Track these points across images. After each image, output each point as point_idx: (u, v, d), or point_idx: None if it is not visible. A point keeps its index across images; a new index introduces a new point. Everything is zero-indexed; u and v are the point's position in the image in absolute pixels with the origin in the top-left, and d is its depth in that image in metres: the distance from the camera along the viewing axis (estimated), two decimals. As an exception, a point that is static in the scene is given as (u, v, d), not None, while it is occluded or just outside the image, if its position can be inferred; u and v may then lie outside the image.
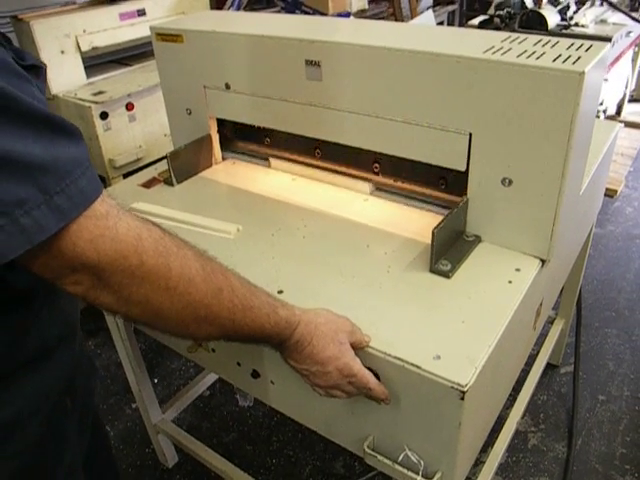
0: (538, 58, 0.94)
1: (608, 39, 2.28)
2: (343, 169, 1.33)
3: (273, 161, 1.45)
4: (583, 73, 0.87)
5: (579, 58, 0.93)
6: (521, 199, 1.02)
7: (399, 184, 1.27)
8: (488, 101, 0.97)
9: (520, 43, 1.04)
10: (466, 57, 0.97)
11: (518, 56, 0.96)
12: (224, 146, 1.51)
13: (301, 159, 1.39)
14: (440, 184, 1.20)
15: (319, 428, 1.06)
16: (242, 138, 1.49)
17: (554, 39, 1.05)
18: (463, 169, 1.07)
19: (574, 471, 1.73)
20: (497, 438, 1.55)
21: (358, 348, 0.86)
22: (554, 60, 0.93)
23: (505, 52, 0.98)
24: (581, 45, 1.00)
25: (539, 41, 1.04)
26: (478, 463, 1.63)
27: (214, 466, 1.60)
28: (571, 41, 1.03)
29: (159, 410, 1.72)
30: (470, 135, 1.02)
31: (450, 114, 1.03)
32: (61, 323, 0.81)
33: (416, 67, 1.03)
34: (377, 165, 1.27)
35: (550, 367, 2.09)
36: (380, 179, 1.29)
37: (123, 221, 0.61)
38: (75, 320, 0.88)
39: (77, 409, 0.88)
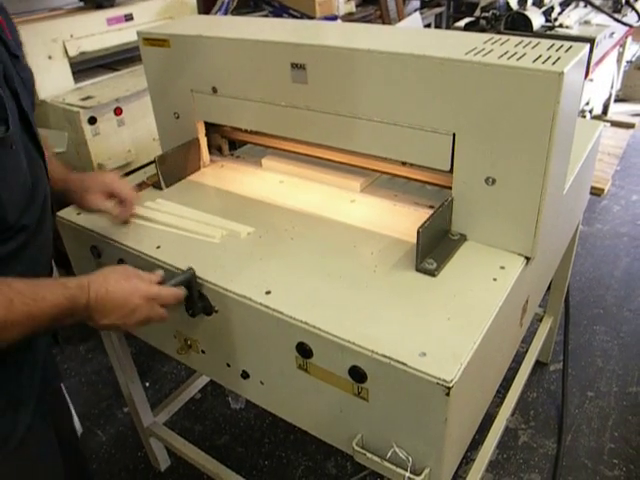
0: (519, 59, 0.96)
1: (592, 40, 2.31)
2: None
3: (264, 161, 1.46)
4: (562, 73, 0.89)
5: (559, 59, 0.95)
6: (505, 198, 1.04)
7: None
8: (471, 102, 0.99)
9: (502, 44, 1.05)
10: (448, 59, 0.99)
11: (499, 57, 0.97)
12: (212, 149, 1.52)
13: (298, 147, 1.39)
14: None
15: (309, 427, 1.07)
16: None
17: (535, 40, 1.07)
18: (447, 169, 1.08)
19: (564, 467, 1.75)
20: (487, 435, 1.57)
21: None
22: (534, 61, 0.94)
23: (487, 53, 1.00)
24: (561, 46, 1.02)
25: (520, 42, 1.06)
26: (469, 460, 1.64)
27: (206, 469, 1.61)
28: (551, 42, 1.04)
29: (151, 414, 1.72)
30: (454, 135, 1.04)
31: (434, 115, 1.05)
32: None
33: (400, 69, 1.04)
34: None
35: (539, 365, 2.12)
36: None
37: None
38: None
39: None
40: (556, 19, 2.48)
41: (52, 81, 2.13)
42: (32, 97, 0.95)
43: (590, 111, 3.02)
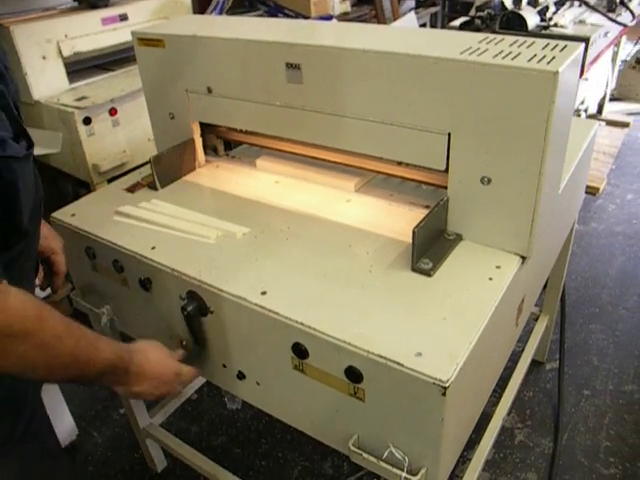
0: (514, 58, 0.96)
1: (586, 39, 2.32)
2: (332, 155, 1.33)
3: (259, 161, 1.45)
4: (557, 72, 0.89)
5: (554, 58, 0.95)
6: (500, 197, 1.04)
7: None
8: (465, 101, 0.99)
9: (497, 44, 1.05)
10: (443, 58, 0.98)
11: (494, 57, 0.97)
12: (207, 149, 1.51)
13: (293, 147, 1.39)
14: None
15: (305, 428, 1.07)
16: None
17: (530, 40, 1.07)
18: (443, 169, 1.08)
19: (560, 465, 1.76)
20: (484, 435, 1.57)
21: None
22: (529, 60, 0.94)
23: (482, 53, 0.99)
24: (556, 45, 1.02)
25: (515, 42, 1.06)
26: (465, 460, 1.64)
27: (203, 470, 1.60)
28: (546, 41, 1.05)
29: (147, 415, 1.71)
30: (449, 135, 1.04)
31: (429, 114, 1.04)
32: None
33: (395, 69, 1.04)
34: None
35: (535, 364, 2.12)
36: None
37: (11, 296, 0.72)
38: None
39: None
40: (551, 18, 2.48)
41: (46, 81, 2.12)
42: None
43: (585, 110, 3.03)
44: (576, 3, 2.77)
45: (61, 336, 0.79)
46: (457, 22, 2.79)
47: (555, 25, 2.46)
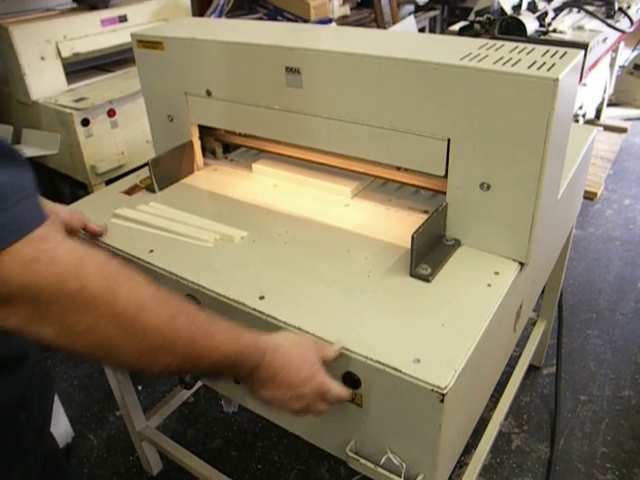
0: (514, 65, 0.96)
1: (585, 45, 2.32)
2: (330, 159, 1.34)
3: (257, 165, 1.45)
4: (557, 80, 0.89)
5: (554, 65, 0.95)
6: (499, 203, 1.04)
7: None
8: (465, 107, 0.99)
9: (497, 50, 1.05)
10: (443, 64, 0.99)
11: (494, 63, 0.97)
12: (206, 152, 1.51)
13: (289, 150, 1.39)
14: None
15: (302, 433, 1.07)
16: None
17: (530, 46, 1.07)
18: (442, 174, 1.08)
19: (557, 471, 1.75)
20: (480, 440, 1.56)
21: (328, 362, 0.86)
22: (529, 67, 0.95)
23: (482, 59, 1.00)
24: (556, 52, 1.02)
25: (515, 48, 1.06)
26: (462, 465, 1.64)
27: (199, 473, 1.60)
28: (546, 48, 1.05)
29: (143, 417, 1.71)
30: (448, 141, 1.04)
31: (429, 120, 1.04)
32: (19, 340, 0.77)
33: (394, 74, 1.04)
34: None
35: (532, 369, 2.12)
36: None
37: (63, 244, 0.56)
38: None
39: (32, 424, 0.86)
40: (550, 24, 2.49)
41: (45, 82, 2.11)
42: None
43: (583, 115, 3.03)
44: (575, 9, 2.78)
45: (144, 305, 0.61)
46: (456, 27, 2.80)
47: (554, 31, 2.46)
